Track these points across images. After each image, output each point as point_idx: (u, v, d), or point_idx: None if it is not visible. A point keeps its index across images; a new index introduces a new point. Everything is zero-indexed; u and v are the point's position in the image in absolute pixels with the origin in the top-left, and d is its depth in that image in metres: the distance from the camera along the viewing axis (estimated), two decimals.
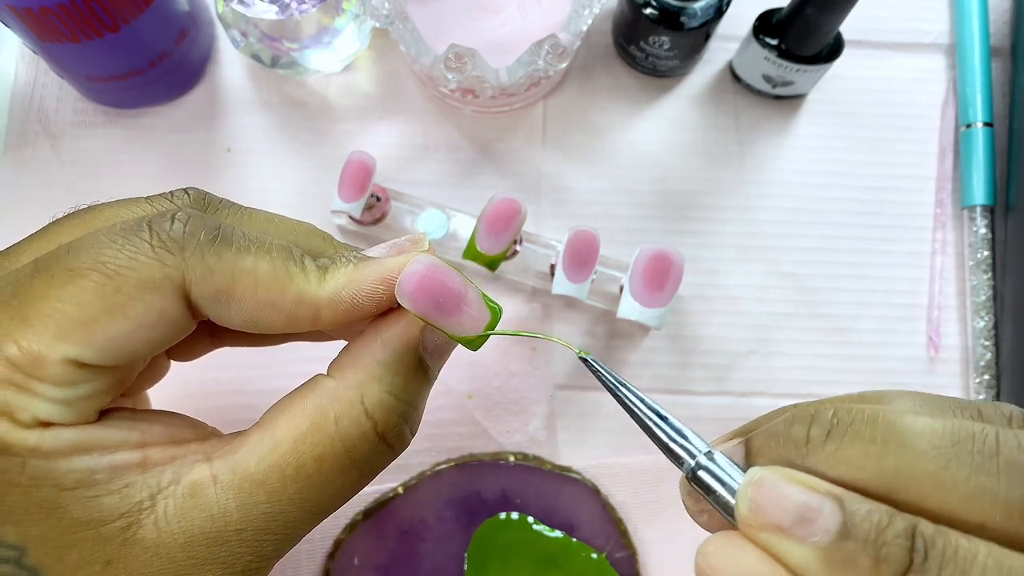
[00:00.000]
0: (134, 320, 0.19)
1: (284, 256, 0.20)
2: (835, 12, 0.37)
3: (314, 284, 0.20)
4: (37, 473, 0.18)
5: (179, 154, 0.43)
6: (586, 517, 0.38)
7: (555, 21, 0.41)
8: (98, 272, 0.18)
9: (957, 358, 0.42)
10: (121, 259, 0.19)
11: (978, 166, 0.42)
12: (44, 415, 0.19)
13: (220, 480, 0.19)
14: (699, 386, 0.41)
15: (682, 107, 0.44)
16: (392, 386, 0.21)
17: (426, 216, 0.40)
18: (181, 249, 0.19)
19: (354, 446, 0.20)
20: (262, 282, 0.20)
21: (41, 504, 0.18)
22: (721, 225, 0.43)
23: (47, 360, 0.18)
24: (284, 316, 0.20)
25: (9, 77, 0.43)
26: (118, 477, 0.19)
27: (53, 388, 0.19)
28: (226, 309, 0.20)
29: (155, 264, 0.19)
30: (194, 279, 0.19)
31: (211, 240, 0.19)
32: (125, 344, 0.19)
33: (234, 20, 0.40)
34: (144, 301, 0.19)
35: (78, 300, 0.18)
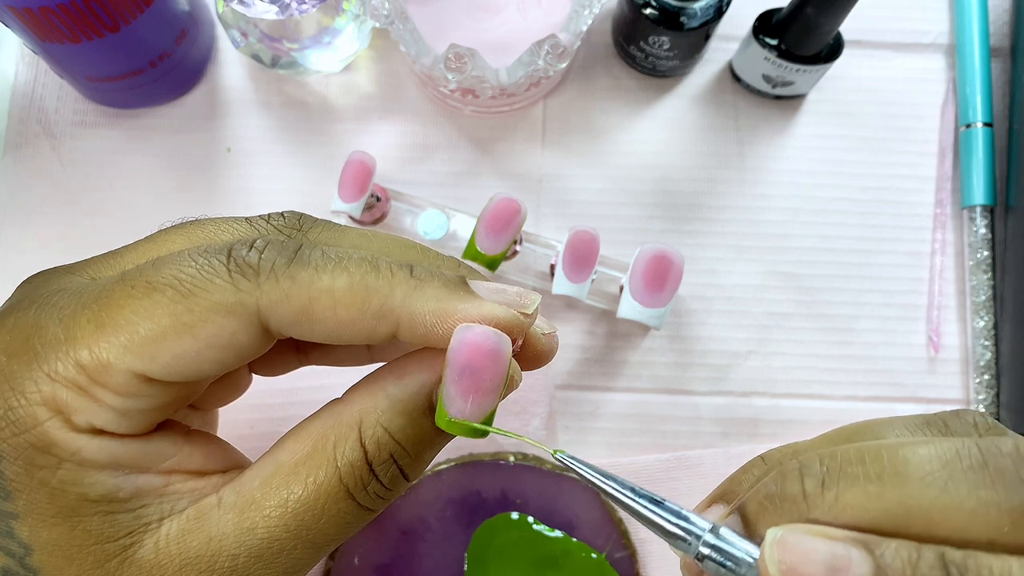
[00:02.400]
0: (202, 341, 0.19)
1: (364, 271, 0.19)
2: (835, 12, 0.37)
3: (399, 296, 0.19)
4: (67, 479, 0.18)
5: (179, 154, 0.43)
6: (586, 517, 0.38)
7: (555, 21, 0.41)
8: (174, 289, 0.19)
9: (957, 358, 0.42)
10: (198, 279, 0.19)
11: (978, 166, 0.42)
12: (99, 422, 0.19)
13: (224, 502, 0.19)
14: (699, 386, 0.41)
15: (682, 107, 0.44)
16: (391, 423, 0.20)
17: (426, 216, 0.40)
18: (256, 275, 0.19)
19: (349, 475, 0.19)
20: (340, 300, 0.19)
21: (60, 509, 0.18)
22: (721, 225, 0.43)
23: (113, 369, 0.18)
24: (365, 332, 0.19)
25: (9, 77, 0.43)
26: (138, 498, 0.19)
27: (114, 396, 0.19)
28: (307, 330, 0.19)
29: (229, 288, 0.19)
30: (269, 304, 0.19)
31: (288, 262, 0.19)
32: (191, 363, 0.19)
33: (234, 20, 0.40)
34: (214, 323, 0.19)
35: (151, 315, 0.18)
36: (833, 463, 0.17)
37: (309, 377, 0.28)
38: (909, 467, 0.16)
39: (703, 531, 0.18)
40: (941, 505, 0.16)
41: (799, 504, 0.17)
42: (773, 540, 0.17)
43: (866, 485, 0.17)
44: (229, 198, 0.42)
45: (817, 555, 0.16)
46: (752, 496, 0.19)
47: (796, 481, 0.18)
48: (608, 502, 0.38)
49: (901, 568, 0.16)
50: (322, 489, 0.19)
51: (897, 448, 0.17)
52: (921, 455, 0.17)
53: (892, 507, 0.16)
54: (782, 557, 0.17)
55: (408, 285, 0.19)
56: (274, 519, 0.19)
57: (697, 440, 0.40)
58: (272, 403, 0.39)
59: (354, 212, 0.38)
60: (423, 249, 0.22)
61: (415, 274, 0.20)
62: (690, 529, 0.18)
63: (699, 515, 0.19)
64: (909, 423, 0.20)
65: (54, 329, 0.19)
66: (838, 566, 0.16)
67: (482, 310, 0.19)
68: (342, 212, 0.39)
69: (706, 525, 0.18)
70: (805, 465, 0.18)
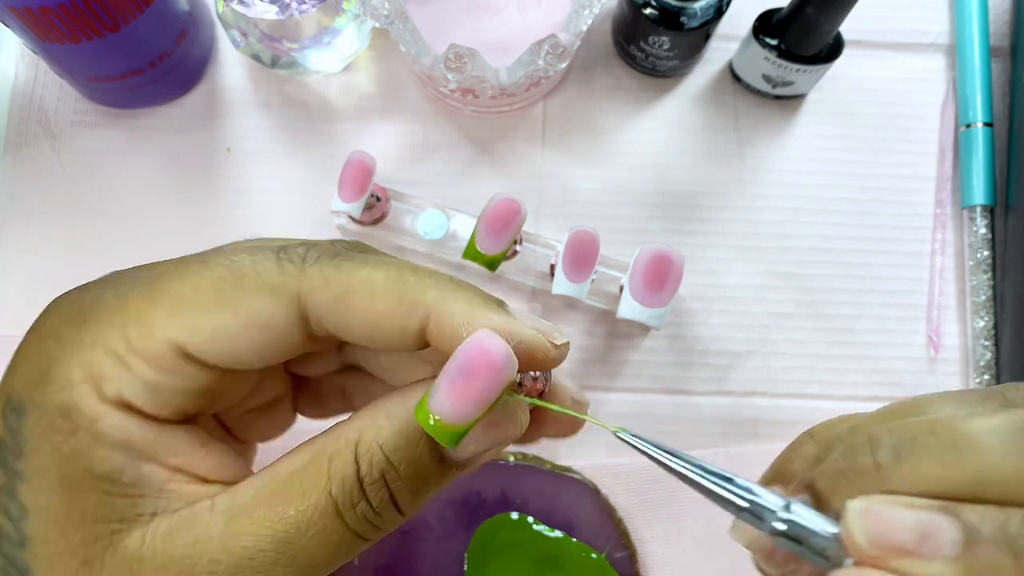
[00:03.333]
0: (243, 317, 0.19)
1: (402, 267, 0.20)
2: (835, 12, 0.37)
3: (432, 295, 0.19)
4: (79, 447, 0.19)
5: (179, 154, 0.43)
6: (586, 517, 0.38)
7: (555, 21, 0.41)
8: (224, 268, 0.20)
9: (957, 358, 0.42)
10: (247, 262, 0.20)
11: (978, 166, 0.42)
12: (128, 393, 0.19)
13: (216, 507, 0.19)
14: (699, 386, 0.41)
15: (682, 107, 0.44)
16: (387, 442, 0.19)
17: (426, 216, 0.40)
18: (303, 262, 0.20)
19: (339, 489, 0.19)
20: (378, 290, 0.20)
21: (63, 478, 0.19)
22: (721, 225, 0.43)
23: (155, 338, 0.19)
24: (397, 327, 0.20)
25: (9, 77, 0.43)
26: (137, 486, 0.19)
27: (148, 368, 0.19)
28: (344, 320, 0.20)
29: (275, 270, 0.20)
30: (310, 288, 0.20)
31: (331, 257, 0.20)
32: (229, 340, 0.19)
33: (234, 20, 0.40)
34: (256, 300, 0.19)
35: (197, 288, 0.19)
36: (905, 435, 0.17)
37: None
38: (983, 437, 0.16)
39: (777, 507, 0.18)
40: (1020, 472, 0.16)
41: (873, 476, 0.17)
42: (858, 510, 0.17)
43: (942, 455, 0.17)
44: (229, 198, 0.42)
45: (905, 522, 0.16)
46: (821, 473, 0.19)
47: (867, 454, 0.18)
48: (608, 502, 0.38)
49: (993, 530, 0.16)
50: (310, 501, 0.19)
51: (968, 419, 0.17)
52: (994, 424, 0.17)
53: (969, 476, 0.16)
54: (869, 526, 0.17)
55: (444, 287, 0.20)
56: (260, 527, 0.19)
57: (697, 440, 0.40)
58: None
59: (354, 212, 0.38)
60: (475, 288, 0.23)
61: (454, 280, 0.20)
62: (763, 504, 0.18)
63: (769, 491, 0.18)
64: (966, 397, 0.20)
65: (108, 300, 0.20)
66: (928, 532, 0.16)
67: (511, 324, 0.19)
68: (342, 212, 0.39)
69: (779, 501, 0.18)
70: (875, 438, 0.18)
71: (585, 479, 0.39)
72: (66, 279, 0.23)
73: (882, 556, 0.16)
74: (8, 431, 0.19)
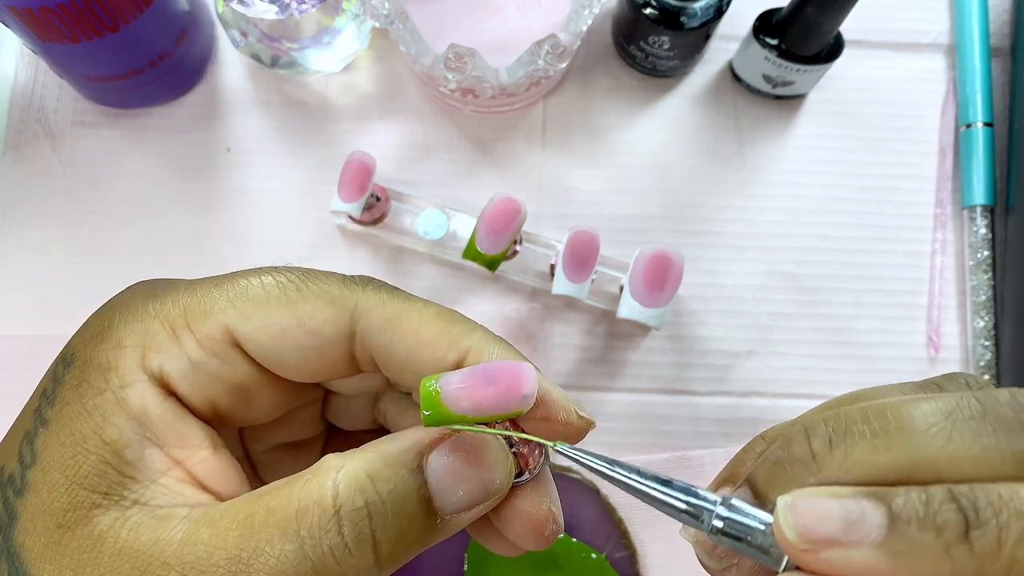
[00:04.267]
0: (296, 317, 0.20)
1: (453, 312, 0.21)
2: (835, 12, 0.37)
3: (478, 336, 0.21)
4: (100, 406, 0.19)
5: (179, 154, 0.43)
6: (586, 517, 0.38)
7: (555, 21, 0.41)
8: (296, 274, 0.21)
9: (957, 358, 0.42)
10: (317, 275, 0.21)
11: (978, 166, 0.42)
12: (170, 368, 0.20)
13: (189, 515, 0.19)
14: (699, 386, 0.41)
15: (682, 107, 0.44)
16: (373, 471, 0.18)
17: (426, 216, 0.40)
18: (364, 287, 0.21)
19: (305, 510, 0.18)
20: (426, 321, 0.21)
21: (74, 434, 0.19)
22: (721, 225, 0.43)
23: (210, 318, 0.20)
24: (438, 356, 0.21)
25: (9, 77, 0.43)
26: (135, 467, 0.19)
27: (196, 346, 0.20)
28: (389, 339, 0.21)
29: (338, 284, 0.21)
30: (366, 307, 0.21)
31: (391, 288, 0.22)
32: (278, 335, 0.20)
33: (234, 20, 0.40)
34: (312, 304, 0.21)
35: (264, 284, 0.21)
36: (838, 423, 0.18)
37: None
38: (914, 420, 0.17)
39: (714, 504, 0.18)
40: (947, 454, 0.16)
41: (809, 465, 0.18)
42: (785, 506, 0.17)
43: (873, 440, 0.17)
44: (229, 198, 0.42)
45: (831, 513, 0.16)
46: (760, 465, 0.19)
47: (803, 443, 0.18)
48: (608, 502, 0.38)
49: (914, 509, 0.16)
50: (272, 519, 0.18)
51: (900, 405, 0.17)
52: (924, 409, 0.17)
53: (900, 460, 0.17)
54: (796, 521, 0.17)
55: (488, 336, 0.21)
56: (216, 537, 0.18)
57: (697, 440, 0.40)
58: None
59: (354, 212, 0.38)
60: None
61: (498, 337, 0.21)
62: (701, 505, 0.18)
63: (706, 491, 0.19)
64: (904, 388, 0.20)
65: (180, 283, 0.21)
66: (852, 519, 0.16)
67: (543, 379, 0.20)
68: (342, 212, 0.39)
69: (716, 499, 0.18)
70: (810, 427, 0.18)
71: (585, 479, 0.39)
72: (66, 279, 0.23)
73: (812, 549, 0.17)
74: (53, 380, 0.20)
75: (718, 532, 0.18)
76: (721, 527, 0.18)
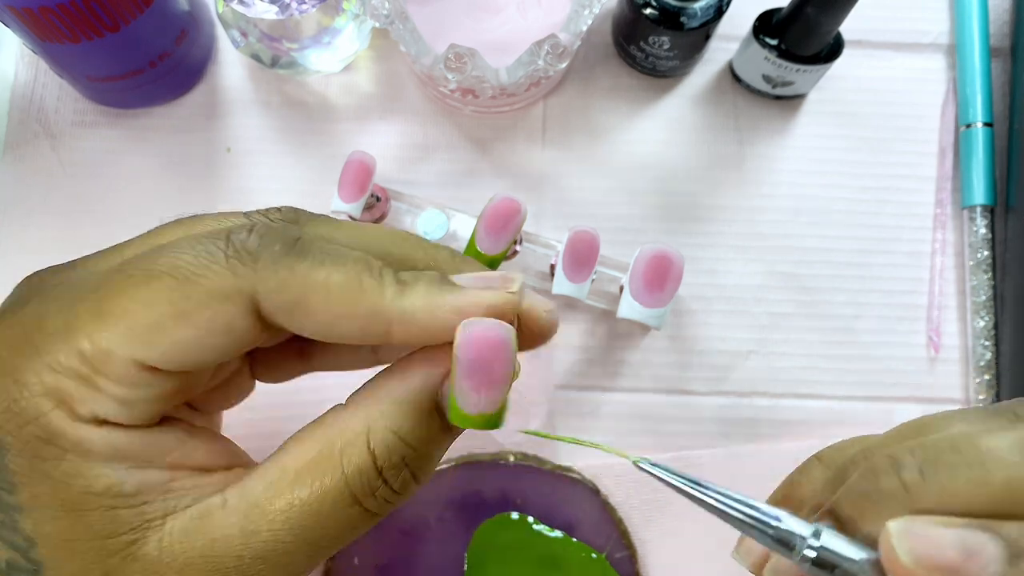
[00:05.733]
0: (201, 327, 0.19)
1: (359, 268, 0.20)
2: (835, 12, 0.37)
3: (388, 298, 0.19)
4: (71, 471, 0.18)
5: (179, 154, 0.43)
6: (586, 517, 0.38)
7: (555, 21, 0.41)
8: (172, 276, 0.19)
9: (957, 358, 0.42)
10: (195, 266, 0.19)
11: (978, 166, 0.42)
12: (103, 412, 0.19)
13: (228, 504, 0.19)
14: (699, 386, 0.41)
15: (682, 107, 0.44)
16: (399, 426, 0.20)
17: (426, 216, 0.40)
18: (254, 260, 0.19)
19: (356, 481, 0.19)
20: (334, 295, 0.19)
21: (64, 502, 0.18)
22: (721, 225, 0.43)
23: (114, 358, 0.18)
24: (357, 329, 0.20)
25: (9, 77, 0.43)
26: (142, 493, 0.19)
27: (116, 386, 0.19)
28: (299, 320, 0.20)
29: (226, 274, 0.19)
30: (265, 291, 0.19)
31: (286, 252, 0.19)
32: (190, 350, 0.19)
33: (234, 20, 0.40)
34: (212, 309, 0.19)
35: (149, 302, 0.19)
36: (928, 454, 0.17)
37: (313, 381, 0.28)
38: (1008, 452, 0.17)
39: (806, 533, 0.18)
40: None
41: (901, 497, 0.17)
42: (900, 531, 0.17)
43: (968, 471, 0.17)
44: (229, 198, 0.42)
45: (949, 541, 0.16)
46: (844, 496, 0.19)
47: (892, 475, 0.17)
48: (608, 502, 0.38)
49: None
50: (328, 495, 0.19)
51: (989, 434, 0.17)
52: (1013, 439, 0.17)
53: (998, 492, 0.16)
54: (913, 546, 0.16)
55: (395, 288, 0.20)
56: (278, 523, 0.19)
57: (697, 440, 0.40)
58: (276, 403, 0.39)
59: (354, 212, 0.38)
60: (417, 240, 0.22)
61: (400, 278, 0.20)
62: (791, 532, 0.18)
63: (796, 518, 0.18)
64: (977, 415, 0.20)
65: (54, 320, 0.19)
66: (971, 550, 0.16)
67: (469, 296, 0.20)
68: (342, 212, 0.39)
69: (808, 528, 0.18)
70: (897, 458, 0.18)
71: (585, 479, 0.39)
72: None
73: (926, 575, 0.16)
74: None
75: (809, 561, 0.18)
76: (814, 556, 0.18)
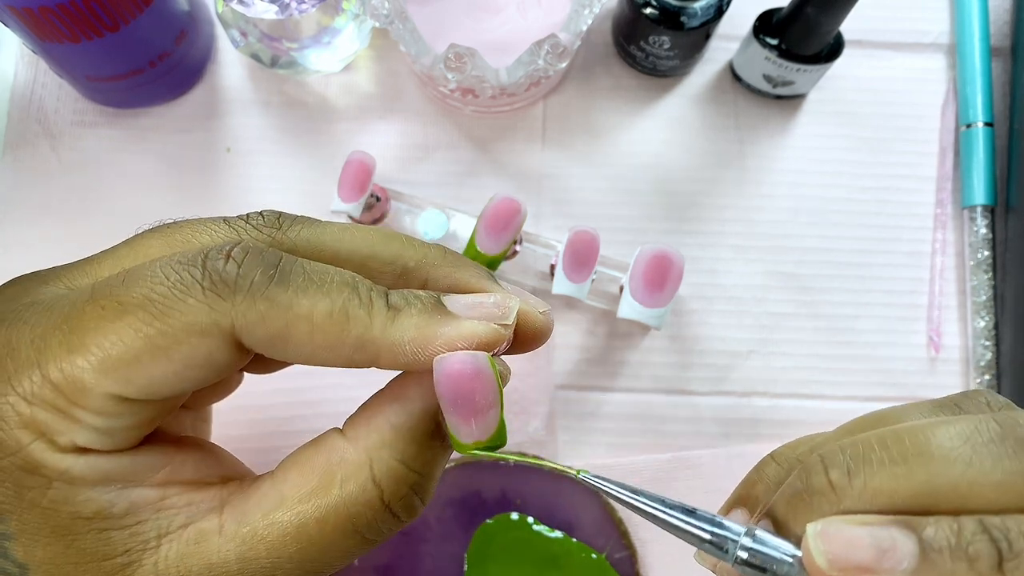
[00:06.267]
0: (178, 362, 0.18)
1: (346, 296, 0.19)
2: (835, 12, 0.37)
3: (378, 327, 0.19)
4: (58, 498, 0.18)
5: (179, 154, 0.43)
6: (586, 517, 0.38)
7: (555, 21, 0.41)
8: (145, 310, 0.18)
9: (957, 358, 0.42)
10: (170, 298, 0.18)
11: (978, 166, 0.42)
12: (82, 441, 0.18)
13: (225, 530, 0.19)
14: (699, 386, 0.41)
15: (682, 107, 0.44)
16: (403, 454, 0.20)
17: (426, 216, 0.40)
18: (232, 293, 0.18)
19: (358, 513, 0.19)
20: (319, 327, 0.18)
21: (54, 529, 0.18)
22: (721, 225, 0.43)
23: (90, 391, 0.18)
24: (343, 359, 0.19)
25: (9, 77, 0.43)
26: (133, 514, 0.19)
27: (93, 417, 0.18)
28: (281, 352, 0.19)
29: (203, 308, 0.18)
30: (245, 325, 0.18)
31: (266, 281, 0.18)
32: (168, 383, 0.19)
33: (234, 20, 0.40)
34: (189, 344, 0.18)
35: (122, 338, 0.18)
36: (856, 451, 0.18)
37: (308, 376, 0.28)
38: (932, 446, 0.17)
39: (738, 535, 0.18)
40: (969, 480, 0.16)
41: (829, 496, 0.17)
42: (815, 533, 0.17)
43: (892, 468, 0.17)
44: (229, 198, 0.42)
45: (862, 541, 0.16)
46: (779, 497, 0.19)
47: (821, 474, 0.18)
48: (608, 502, 0.38)
49: (945, 539, 0.16)
50: (328, 526, 0.19)
51: (917, 430, 0.17)
52: (942, 434, 0.17)
53: (921, 487, 0.17)
54: (827, 548, 0.17)
55: (385, 316, 0.19)
56: (277, 551, 0.19)
57: (697, 440, 0.40)
58: (274, 403, 0.39)
59: (354, 212, 0.38)
60: (406, 239, 0.22)
61: (392, 302, 0.19)
62: (725, 535, 0.18)
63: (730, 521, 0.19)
64: (922, 408, 0.20)
65: (26, 350, 0.18)
66: (884, 547, 0.16)
67: (461, 331, 0.19)
68: (342, 212, 0.39)
69: (740, 529, 0.18)
70: (828, 457, 0.18)
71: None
72: None
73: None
74: None
75: (742, 563, 0.18)
76: (746, 558, 0.18)
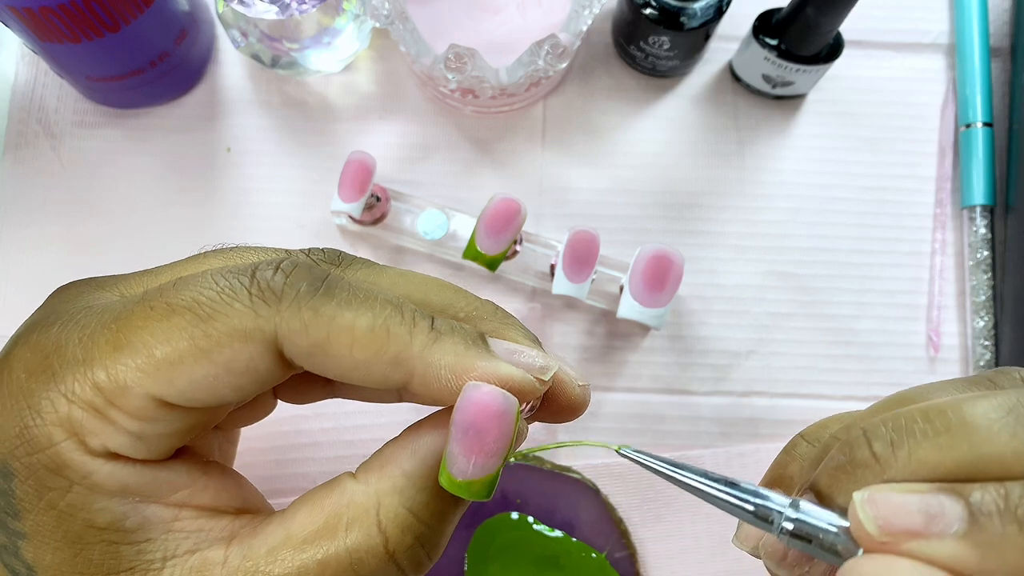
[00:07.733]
0: (220, 366, 0.18)
1: (388, 313, 0.19)
2: (835, 12, 0.37)
3: (417, 346, 0.19)
4: (76, 502, 0.18)
5: (179, 154, 0.43)
6: (586, 517, 0.38)
7: (555, 21, 0.41)
8: (192, 312, 0.18)
9: (957, 358, 0.42)
10: (218, 302, 0.18)
11: (978, 166, 0.42)
12: (114, 445, 0.18)
13: (229, 563, 0.19)
14: (699, 386, 0.41)
15: (682, 107, 0.44)
16: (412, 502, 0.19)
17: (426, 216, 0.40)
18: (278, 301, 0.18)
19: (360, 560, 0.19)
20: (359, 340, 0.19)
21: (66, 534, 0.18)
22: (721, 225, 0.43)
23: (131, 392, 0.18)
24: (379, 375, 0.19)
25: (9, 77, 0.43)
26: (144, 530, 0.19)
27: (130, 420, 0.18)
28: (320, 364, 0.19)
29: (248, 313, 0.18)
30: (287, 333, 0.18)
31: (311, 292, 0.19)
32: (209, 388, 0.19)
33: (234, 20, 0.40)
34: (232, 348, 0.18)
35: (168, 338, 0.18)
36: (899, 424, 0.18)
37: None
38: (976, 417, 0.17)
39: (784, 507, 0.18)
40: (1013, 448, 0.17)
41: (873, 467, 0.18)
42: (863, 500, 0.17)
43: (936, 439, 0.17)
44: (229, 198, 0.42)
45: (910, 506, 0.17)
46: (822, 471, 0.19)
47: (864, 447, 0.18)
48: (608, 502, 0.38)
49: (994, 503, 0.16)
50: (329, 571, 0.19)
51: (959, 403, 0.17)
52: (985, 405, 0.17)
53: (965, 456, 0.17)
54: (877, 513, 0.17)
55: (428, 337, 0.19)
56: None
57: (697, 440, 0.40)
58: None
59: (354, 212, 0.38)
60: (461, 291, 0.22)
61: (435, 326, 0.19)
62: (770, 507, 0.18)
63: (775, 493, 0.19)
64: (956, 385, 0.20)
65: (73, 349, 0.19)
66: (934, 512, 0.16)
67: (498, 371, 0.19)
68: (342, 212, 0.39)
69: (785, 500, 0.18)
70: (870, 430, 0.18)
71: (585, 479, 0.39)
72: (66, 279, 0.23)
73: (893, 541, 0.17)
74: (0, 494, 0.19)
75: (788, 534, 0.18)
76: (792, 529, 0.18)
